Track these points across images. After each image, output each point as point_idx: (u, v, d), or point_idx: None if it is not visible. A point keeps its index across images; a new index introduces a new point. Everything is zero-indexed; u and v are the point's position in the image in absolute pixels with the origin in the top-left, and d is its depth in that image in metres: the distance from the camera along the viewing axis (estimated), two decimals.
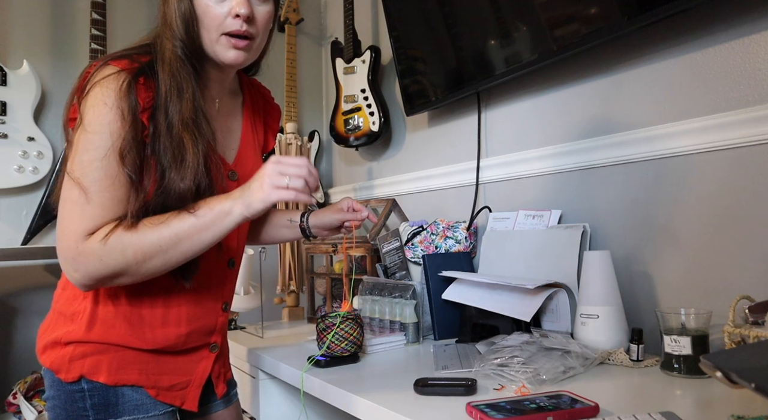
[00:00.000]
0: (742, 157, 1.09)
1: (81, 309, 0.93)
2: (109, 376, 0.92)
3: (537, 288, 1.19)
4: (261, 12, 0.95)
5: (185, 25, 0.91)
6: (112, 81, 0.85)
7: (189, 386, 1.01)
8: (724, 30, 1.12)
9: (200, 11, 0.91)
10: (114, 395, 0.93)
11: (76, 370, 0.91)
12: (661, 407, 0.79)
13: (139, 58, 0.90)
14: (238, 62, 0.95)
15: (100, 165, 0.84)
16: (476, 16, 1.53)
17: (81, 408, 0.91)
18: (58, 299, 0.97)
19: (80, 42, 2.03)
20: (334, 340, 1.14)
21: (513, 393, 0.89)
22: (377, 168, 2.21)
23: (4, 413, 1.69)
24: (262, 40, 0.98)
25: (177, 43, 0.91)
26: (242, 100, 1.12)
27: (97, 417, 0.92)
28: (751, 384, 0.53)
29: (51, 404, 0.93)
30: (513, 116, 1.59)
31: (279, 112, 1.22)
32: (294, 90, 2.35)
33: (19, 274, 1.89)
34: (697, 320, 0.99)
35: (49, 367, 0.93)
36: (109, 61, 0.88)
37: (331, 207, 1.19)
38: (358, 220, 1.16)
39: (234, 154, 1.06)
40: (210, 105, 1.02)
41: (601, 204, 1.34)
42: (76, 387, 0.91)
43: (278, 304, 1.95)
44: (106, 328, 0.93)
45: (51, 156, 1.90)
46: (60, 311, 0.96)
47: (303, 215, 1.21)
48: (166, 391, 0.98)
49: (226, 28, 0.92)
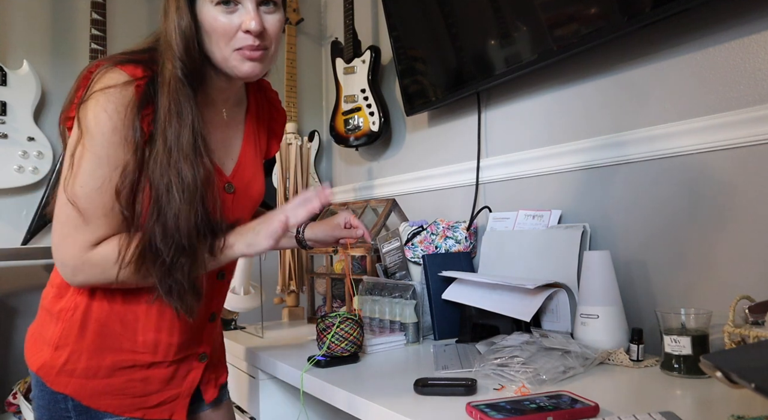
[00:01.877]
0: (742, 157, 1.09)
1: (71, 306, 0.92)
2: (92, 402, 0.92)
3: (537, 288, 1.19)
4: (271, 22, 0.92)
5: (185, 44, 0.87)
6: (117, 93, 0.83)
7: (178, 398, 1.00)
8: (724, 30, 1.12)
9: (208, 26, 0.88)
10: (96, 415, 0.93)
11: (61, 386, 0.91)
12: (661, 407, 0.79)
13: (142, 66, 0.87)
14: (254, 74, 0.92)
15: (96, 195, 0.84)
16: (476, 16, 1.53)
17: (63, 409, 0.91)
18: (45, 296, 0.96)
19: (80, 42, 2.03)
20: (334, 340, 1.14)
21: (513, 393, 0.89)
22: (377, 168, 2.21)
23: (4, 413, 1.69)
24: (275, 49, 0.95)
25: (177, 64, 0.87)
26: (246, 108, 1.09)
27: (79, 418, 0.91)
28: (751, 384, 0.53)
29: (36, 404, 0.94)
30: (513, 116, 1.59)
31: (284, 117, 1.20)
32: (294, 90, 2.35)
33: (19, 274, 1.89)
34: (697, 320, 0.99)
35: (36, 373, 0.92)
36: (114, 64, 0.85)
37: (327, 221, 1.17)
38: (353, 238, 1.15)
39: (233, 165, 1.03)
40: (214, 114, 1.00)
41: (601, 204, 1.34)
42: (60, 395, 0.91)
43: (278, 304, 1.95)
44: (101, 329, 0.92)
45: (51, 156, 1.90)
46: (47, 309, 0.95)
47: (300, 226, 1.19)
48: (153, 408, 0.97)
49: (237, 43, 0.89)
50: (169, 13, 0.88)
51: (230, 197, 1.01)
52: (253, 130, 1.09)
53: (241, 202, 1.05)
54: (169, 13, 0.88)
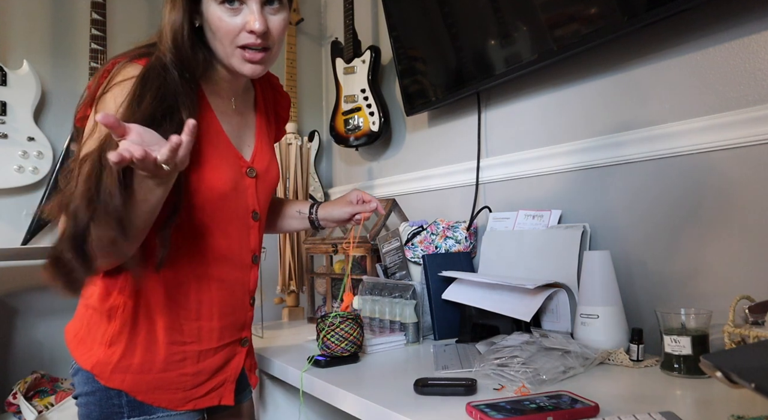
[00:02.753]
0: (743, 157, 1.09)
1: (119, 303, 0.93)
2: (147, 396, 0.94)
3: (537, 288, 1.19)
4: (275, 22, 0.93)
5: (173, 36, 0.90)
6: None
7: (225, 383, 1.03)
8: (724, 30, 1.12)
9: (213, 25, 0.91)
10: (149, 409, 0.95)
11: (116, 382, 0.93)
12: (661, 407, 0.79)
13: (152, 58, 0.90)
14: (255, 75, 0.95)
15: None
16: (476, 16, 1.53)
17: (116, 405, 0.93)
18: (90, 295, 0.97)
19: (80, 42, 2.03)
20: (333, 340, 1.14)
21: (513, 393, 0.89)
22: (377, 168, 2.21)
23: (4, 413, 1.69)
24: (277, 49, 0.97)
25: (167, 55, 0.90)
26: (254, 95, 1.12)
27: (132, 414, 0.93)
28: (751, 384, 0.53)
29: (85, 400, 0.94)
30: (513, 116, 1.59)
31: (288, 101, 1.23)
32: (294, 90, 2.35)
33: (19, 274, 1.89)
34: (697, 320, 0.99)
35: (90, 371, 0.93)
36: (130, 59, 0.88)
37: (340, 199, 1.21)
38: (367, 211, 1.17)
39: (251, 151, 1.07)
40: (225, 104, 1.03)
41: (601, 204, 1.34)
42: (114, 391, 0.93)
43: (278, 304, 1.95)
44: (151, 323, 0.94)
45: (51, 156, 1.90)
46: (93, 307, 0.96)
47: (312, 207, 1.24)
48: (202, 398, 1.00)
49: (241, 41, 0.91)
50: (165, 5, 0.93)
51: (253, 182, 1.05)
52: (263, 116, 1.13)
53: (263, 187, 1.08)
54: (165, 6, 0.93)
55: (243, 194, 1.03)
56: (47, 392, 1.71)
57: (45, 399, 1.68)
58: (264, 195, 1.09)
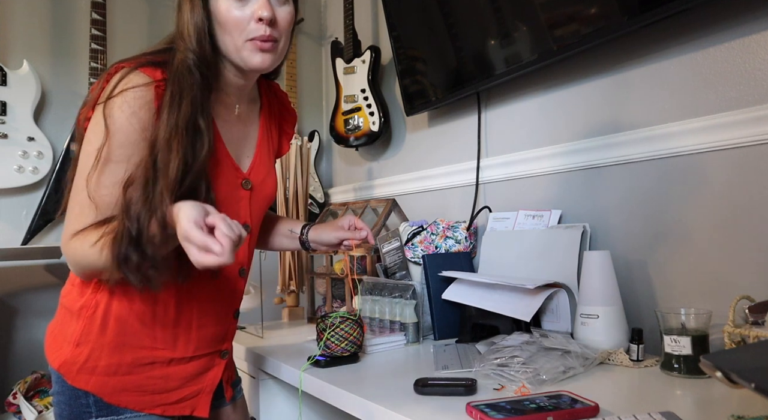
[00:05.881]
0: (743, 157, 1.09)
1: (91, 303, 0.93)
2: (113, 398, 0.93)
3: (537, 288, 1.19)
4: (282, 13, 0.94)
5: (197, 35, 0.91)
6: (140, 95, 0.86)
7: (200, 394, 1.02)
8: (724, 30, 1.12)
9: (222, 18, 0.91)
10: (116, 411, 0.94)
11: (81, 382, 0.92)
12: (661, 407, 0.79)
13: (161, 68, 0.89)
14: (264, 66, 0.95)
15: (111, 192, 0.86)
16: (476, 16, 1.53)
17: (84, 405, 0.92)
18: (66, 294, 0.97)
19: (80, 42, 2.03)
20: (333, 340, 1.14)
21: (513, 393, 0.89)
22: (377, 168, 2.21)
23: (4, 413, 1.69)
24: (285, 43, 0.98)
25: (189, 55, 0.90)
26: (260, 107, 1.11)
27: (100, 414, 0.92)
28: (751, 384, 0.53)
29: (56, 399, 0.95)
30: (513, 116, 1.59)
31: (295, 117, 1.21)
32: (294, 90, 2.35)
33: (19, 274, 1.89)
34: (697, 320, 0.99)
35: (57, 370, 0.93)
36: (136, 67, 0.87)
37: (331, 224, 1.20)
38: (357, 239, 1.16)
39: (249, 162, 1.05)
40: (228, 112, 1.02)
41: (602, 204, 1.34)
42: (81, 391, 0.92)
43: (278, 304, 1.95)
44: (121, 326, 0.93)
45: (51, 156, 1.90)
46: (67, 307, 0.96)
47: (304, 227, 1.22)
48: (173, 405, 0.98)
49: (250, 33, 0.91)
50: (182, 7, 0.92)
51: (248, 194, 1.03)
52: (266, 128, 1.11)
53: (257, 200, 1.07)
54: (182, 7, 0.92)
55: (236, 206, 1.01)
56: (47, 392, 1.71)
57: (45, 399, 1.69)
58: (258, 208, 1.07)
